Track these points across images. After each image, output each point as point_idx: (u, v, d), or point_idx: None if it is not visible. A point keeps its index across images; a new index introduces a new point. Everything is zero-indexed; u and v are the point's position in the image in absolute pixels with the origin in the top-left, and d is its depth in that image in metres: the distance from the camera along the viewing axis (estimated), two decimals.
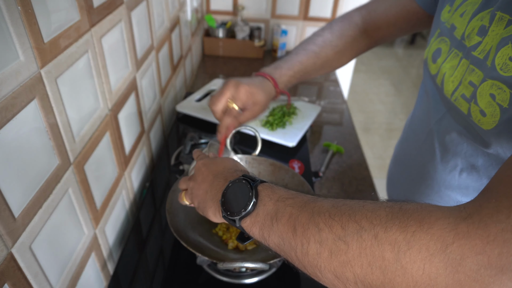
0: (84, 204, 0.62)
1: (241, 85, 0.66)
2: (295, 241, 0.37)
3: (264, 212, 0.40)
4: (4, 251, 0.42)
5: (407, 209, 0.31)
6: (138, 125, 0.88)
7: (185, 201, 0.55)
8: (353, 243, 0.32)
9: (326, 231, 0.34)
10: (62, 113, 0.53)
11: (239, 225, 0.42)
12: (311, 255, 0.35)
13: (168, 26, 1.08)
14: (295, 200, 0.39)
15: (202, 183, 0.50)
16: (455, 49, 0.53)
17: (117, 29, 0.71)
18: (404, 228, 0.30)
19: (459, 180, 0.56)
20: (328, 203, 0.37)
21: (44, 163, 0.50)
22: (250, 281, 0.69)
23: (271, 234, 0.39)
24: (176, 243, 0.78)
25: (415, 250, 0.29)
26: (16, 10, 0.41)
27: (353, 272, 0.32)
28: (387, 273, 0.30)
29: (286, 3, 1.68)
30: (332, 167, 1.05)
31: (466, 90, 0.48)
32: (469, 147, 0.52)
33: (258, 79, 0.70)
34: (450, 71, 0.52)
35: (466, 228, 0.28)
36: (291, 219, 0.38)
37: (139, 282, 0.71)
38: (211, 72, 1.58)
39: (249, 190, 0.42)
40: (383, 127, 3.12)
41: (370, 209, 0.33)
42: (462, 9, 0.53)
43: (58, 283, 0.56)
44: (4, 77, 0.40)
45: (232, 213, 0.42)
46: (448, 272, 0.28)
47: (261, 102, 0.69)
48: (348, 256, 0.32)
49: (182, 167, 0.94)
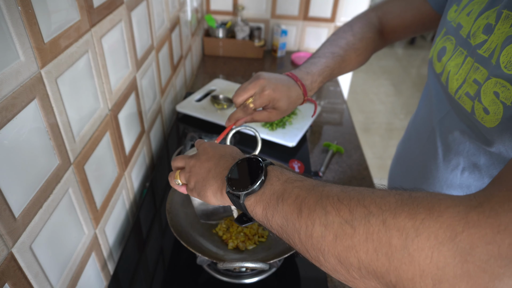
0: (84, 204, 0.62)
1: (267, 89, 0.66)
2: (299, 222, 0.36)
3: (271, 191, 0.40)
4: (4, 251, 0.43)
5: (416, 197, 0.31)
6: (138, 125, 0.88)
7: (178, 179, 0.53)
8: (360, 228, 0.31)
9: (333, 214, 0.33)
10: (62, 113, 0.53)
11: (242, 203, 0.41)
12: (315, 237, 0.34)
13: (168, 26, 1.08)
14: (304, 183, 0.39)
15: (205, 162, 0.49)
16: (460, 47, 0.53)
17: (117, 29, 0.71)
18: (413, 215, 0.29)
19: (461, 179, 0.56)
20: (337, 187, 0.36)
21: (44, 163, 0.50)
22: (250, 281, 0.69)
23: (275, 214, 0.38)
24: (176, 243, 0.78)
25: (424, 238, 0.28)
26: (17, 10, 0.41)
27: (357, 258, 0.31)
28: (393, 260, 0.29)
29: (286, 3, 1.68)
30: (332, 167, 1.05)
31: (470, 88, 0.49)
32: (471, 145, 0.52)
33: (288, 84, 0.68)
34: (455, 69, 0.53)
35: (477, 217, 0.27)
36: (298, 200, 0.37)
37: (139, 282, 0.71)
38: (211, 72, 1.58)
39: (259, 168, 0.42)
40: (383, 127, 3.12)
41: (380, 195, 0.33)
42: (468, 8, 0.53)
43: (59, 283, 0.56)
44: (5, 77, 0.40)
45: (238, 188, 0.41)
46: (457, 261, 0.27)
47: (281, 109, 0.68)
48: (354, 241, 0.31)
49: None
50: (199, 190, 0.48)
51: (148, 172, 1.00)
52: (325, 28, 1.75)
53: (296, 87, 0.69)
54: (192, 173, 0.50)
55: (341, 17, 1.72)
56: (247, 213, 0.42)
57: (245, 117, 0.68)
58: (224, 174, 0.45)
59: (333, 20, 1.73)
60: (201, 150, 0.51)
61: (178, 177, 0.52)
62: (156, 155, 1.06)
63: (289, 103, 0.68)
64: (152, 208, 0.88)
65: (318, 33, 1.77)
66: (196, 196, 0.50)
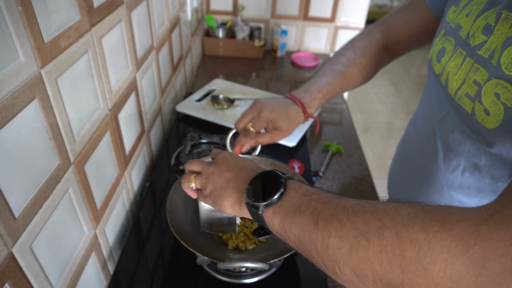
0: (84, 204, 0.62)
1: (263, 111, 0.68)
2: (316, 234, 0.37)
3: (289, 203, 0.41)
4: (4, 251, 0.43)
5: (429, 210, 0.31)
6: (138, 125, 0.88)
7: (193, 183, 0.53)
8: (374, 240, 0.32)
9: (349, 226, 0.34)
10: (62, 113, 0.53)
11: (261, 214, 0.43)
12: (331, 249, 0.35)
13: (168, 26, 1.08)
14: (320, 196, 0.40)
15: (225, 172, 0.49)
16: (460, 48, 0.53)
17: (117, 29, 0.71)
18: (425, 228, 0.30)
19: (462, 179, 0.56)
20: (352, 201, 0.37)
21: (44, 163, 0.50)
22: (250, 281, 0.69)
23: (292, 225, 0.39)
24: (176, 243, 0.78)
25: (437, 251, 0.28)
26: (17, 10, 0.41)
27: (372, 270, 0.32)
28: (407, 273, 0.30)
29: (286, 3, 1.68)
30: (332, 167, 1.05)
31: (470, 89, 0.49)
32: (472, 146, 0.52)
33: (286, 104, 0.70)
34: (454, 69, 0.53)
35: (488, 229, 0.27)
36: (315, 213, 0.38)
37: (139, 282, 0.71)
38: (211, 72, 1.58)
39: (278, 181, 0.43)
40: (383, 127, 3.12)
41: (393, 208, 0.33)
42: (468, 9, 0.53)
43: (59, 283, 0.56)
44: (5, 77, 0.40)
45: (258, 199, 0.43)
46: (471, 275, 0.27)
47: (281, 128, 0.69)
48: (368, 253, 0.32)
49: (182, 167, 0.94)
50: (215, 198, 0.49)
51: (148, 172, 1.00)
52: (325, 28, 1.75)
53: (295, 106, 0.70)
54: (209, 180, 0.50)
55: (341, 17, 1.72)
56: (265, 225, 0.44)
57: (249, 141, 0.70)
58: (244, 186, 0.47)
59: (333, 20, 1.73)
60: (220, 159, 0.52)
61: (193, 181, 0.53)
62: (156, 155, 1.06)
63: (289, 122, 0.69)
64: (152, 208, 0.88)
65: (318, 33, 1.77)
66: (210, 203, 0.51)
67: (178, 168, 0.95)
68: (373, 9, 4.69)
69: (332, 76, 0.74)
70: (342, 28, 1.75)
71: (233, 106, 1.20)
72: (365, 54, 0.76)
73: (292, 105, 0.70)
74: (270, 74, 1.61)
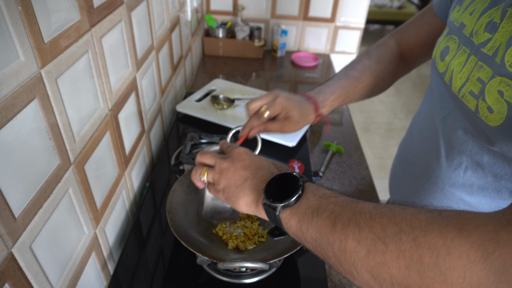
0: (84, 204, 0.62)
1: (280, 97, 0.68)
2: (333, 236, 0.37)
3: (306, 205, 0.41)
4: (4, 251, 0.43)
5: (446, 215, 0.31)
6: (138, 125, 0.88)
7: (204, 177, 0.52)
8: (392, 245, 0.32)
9: (366, 230, 0.35)
10: (62, 113, 0.53)
11: (278, 215, 0.43)
12: (349, 252, 0.35)
13: (168, 26, 1.08)
14: (338, 199, 0.40)
15: (241, 170, 0.49)
16: (464, 46, 0.53)
17: (117, 29, 0.71)
18: (443, 234, 0.30)
19: (464, 178, 0.56)
20: (369, 204, 0.38)
21: (44, 163, 0.50)
22: (250, 281, 0.69)
23: (310, 227, 0.40)
24: (176, 243, 0.78)
25: (455, 257, 0.28)
26: (16, 10, 0.41)
27: (390, 274, 0.32)
28: (425, 278, 0.30)
29: (286, 3, 1.68)
30: (332, 167, 1.05)
31: (474, 87, 0.49)
32: (474, 144, 0.52)
33: (300, 98, 0.71)
34: (458, 67, 0.53)
35: (507, 236, 0.27)
36: (332, 215, 0.38)
37: (139, 282, 0.71)
38: (211, 72, 1.58)
39: (297, 183, 0.44)
40: (383, 127, 3.12)
41: (410, 212, 0.34)
42: (471, 7, 0.54)
43: (59, 283, 0.56)
44: (5, 77, 0.40)
45: (275, 200, 0.43)
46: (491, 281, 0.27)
47: (293, 118, 0.68)
48: (386, 257, 0.32)
49: (182, 167, 0.94)
50: (229, 195, 0.49)
51: (148, 172, 1.00)
52: (325, 28, 1.75)
53: (307, 103, 0.70)
54: (223, 176, 0.50)
55: (341, 17, 1.72)
56: (281, 226, 0.44)
57: (259, 126, 0.69)
58: (261, 186, 0.47)
59: (333, 20, 1.73)
60: (236, 155, 0.51)
61: (205, 174, 0.53)
62: (156, 155, 1.06)
63: (301, 114, 0.68)
64: (152, 208, 0.88)
65: (318, 33, 1.77)
66: (222, 198, 0.51)
67: (178, 168, 0.95)
68: (373, 9, 4.69)
69: (346, 81, 0.74)
70: (342, 28, 1.75)
71: (233, 106, 1.20)
72: (380, 62, 0.76)
73: (305, 101, 0.71)
74: (270, 74, 1.61)
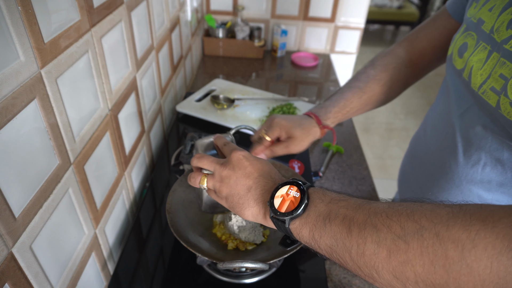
0: (84, 204, 0.62)
1: (276, 119, 0.69)
2: (350, 241, 0.36)
3: (316, 213, 0.40)
4: (4, 251, 0.43)
5: (468, 209, 0.31)
6: (138, 125, 0.88)
7: (204, 185, 0.51)
8: (413, 242, 0.32)
9: (384, 230, 0.34)
10: (62, 113, 0.53)
11: (288, 227, 0.42)
12: (368, 255, 0.35)
13: (168, 26, 1.08)
14: (349, 202, 0.39)
15: (243, 178, 0.47)
16: (483, 42, 0.53)
17: (117, 29, 0.71)
18: (467, 227, 0.30)
19: (482, 174, 0.56)
20: (383, 204, 0.37)
21: (44, 163, 0.50)
22: (250, 281, 0.69)
23: (323, 235, 0.39)
24: (176, 243, 0.78)
25: (481, 249, 0.29)
26: (16, 10, 0.41)
27: (414, 272, 0.32)
28: (451, 272, 0.30)
29: (286, 3, 1.68)
30: (332, 167, 1.05)
31: (496, 83, 0.49)
32: (494, 140, 0.52)
33: (300, 116, 0.71)
34: (478, 64, 0.53)
35: None
36: (346, 220, 0.37)
37: (139, 282, 0.71)
38: (211, 72, 1.58)
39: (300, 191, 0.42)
40: (383, 127, 3.12)
41: (429, 208, 0.33)
42: (490, 3, 0.54)
43: (59, 283, 0.56)
44: (5, 77, 0.40)
45: (283, 214, 0.42)
46: None
47: (295, 136, 0.69)
48: (409, 256, 0.32)
49: (182, 167, 0.94)
50: (232, 205, 0.48)
51: (148, 172, 1.00)
52: (325, 28, 1.75)
53: (308, 118, 0.71)
54: (224, 184, 0.48)
55: (341, 17, 1.72)
56: (293, 237, 0.43)
57: (263, 149, 0.70)
58: (265, 197, 0.46)
59: (333, 20, 1.73)
60: (235, 162, 0.49)
61: (204, 182, 0.51)
62: (156, 155, 1.06)
63: (302, 130, 0.69)
64: (152, 208, 0.88)
65: (318, 33, 1.77)
66: (226, 206, 0.49)
67: (178, 168, 0.95)
68: (373, 9, 4.69)
69: (349, 92, 0.74)
70: (342, 28, 1.75)
71: (233, 106, 1.20)
72: (385, 70, 0.75)
73: (306, 118, 0.71)
74: (270, 74, 1.61)
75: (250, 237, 0.71)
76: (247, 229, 0.71)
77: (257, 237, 0.72)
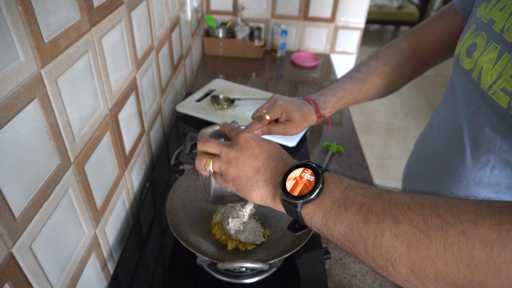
0: (84, 204, 0.62)
1: (278, 101, 0.69)
2: (366, 231, 0.35)
3: (331, 199, 0.38)
4: (4, 251, 0.43)
5: (496, 207, 0.30)
6: (138, 125, 0.88)
7: (210, 167, 0.49)
8: (436, 238, 0.30)
9: (405, 223, 0.32)
10: (62, 113, 0.53)
11: (299, 211, 0.40)
12: (385, 247, 0.33)
13: (168, 26, 1.08)
14: (367, 190, 0.38)
15: (251, 159, 0.46)
16: (493, 42, 0.52)
17: (117, 29, 0.71)
18: (496, 226, 0.28)
19: (490, 176, 0.55)
20: (404, 195, 0.35)
21: (44, 163, 0.50)
22: (250, 281, 0.69)
23: (337, 222, 0.37)
24: (176, 243, 0.78)
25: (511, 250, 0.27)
26: (16, 10, 0.41)
27: (435, 269, 0.30)
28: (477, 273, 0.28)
29: (286, 3, 1.68)
30: (332, 167, 1.05)
31: (507, 84, 0.48)
32: (503, 142, 0.51)
33: (301, 101, 0.71)
34: (488, 64, 0.52)
35: None
36: (363, 209, 0.36)
37: (139, 282, 0.71)
38: (211, 72, 1.58)
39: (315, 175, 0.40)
40: (383, 127, 3.12)
41: (455, 204, 0.32)
42: (501, 3, 0.53)
43: (59, 283, 0.56)
44: (5, 77, 0.40)
45: (295, 197, 0.40)
46: None
47: (294, 120, 0.69)
48: (430, 252, 0.31)
49: (182, 167, 0.94)
50: (240, 187, 0.46)
51: (148, 172, 1.00)
52: (325, 28, 1.75)
53: (308, 105, 0.71)
54: (231, 166, 0.47)
55: (341, 17, 1.72)
56: (303, 222, 0.41)
57: (261, 128, 0.69)
58: (275, 179, 0.44)
59: (333, 20, 1.73)
60: (243, 142, 0.47)
61: (210, 164, 0.49)
62: (156, 155, 1.06)
63: (302, 116, 0.69)
64: (152, 208, 0.88)
65: (318, 33, 1.77)
66: (232, 189, 0.48)
67: (178, 168, 0.95)
68: (373, 9, 4.69)
69: (349, 83, 0.74)
70: (342, 28, 1.75)
71: (233, 106, 1.20)
72: (388, 63, 0.75)
73: (306, 103, 0.71)
74: (270, 74, 1.61)
75: (250, 238, 0.71)
76: (247, 231, 0.71)
77: (257, 237, 0.72)
